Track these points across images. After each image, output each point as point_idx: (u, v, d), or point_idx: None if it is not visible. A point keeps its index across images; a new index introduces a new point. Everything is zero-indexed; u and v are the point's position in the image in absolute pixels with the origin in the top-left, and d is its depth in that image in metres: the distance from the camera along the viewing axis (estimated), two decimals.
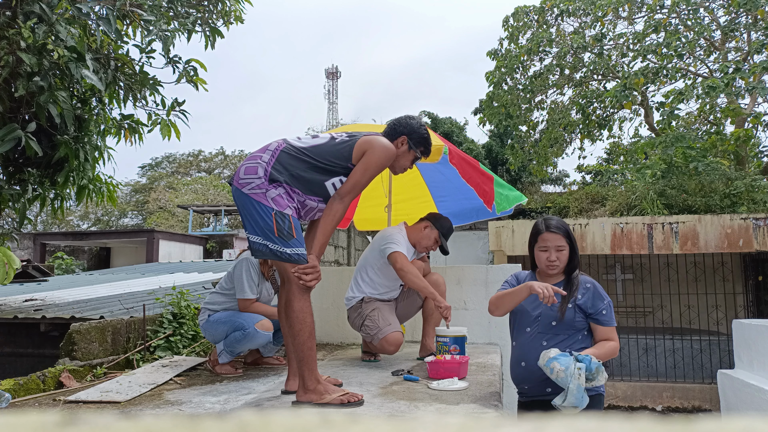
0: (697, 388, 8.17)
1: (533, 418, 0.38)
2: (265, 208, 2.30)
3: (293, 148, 2.43)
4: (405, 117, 2.74)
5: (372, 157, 2.42)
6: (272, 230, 2.28)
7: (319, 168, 2.42)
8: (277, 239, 2.28)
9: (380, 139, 2.49)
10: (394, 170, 2.73)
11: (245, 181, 2.35)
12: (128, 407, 2.54)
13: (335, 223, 2.36)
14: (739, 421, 0.36)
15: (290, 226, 2.30)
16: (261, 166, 2.36)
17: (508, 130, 17.16)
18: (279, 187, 2.34)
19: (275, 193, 2.32)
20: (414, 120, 2.72)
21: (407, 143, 2.67)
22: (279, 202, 2.31)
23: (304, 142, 2.49)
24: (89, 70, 3.76)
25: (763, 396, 5.21)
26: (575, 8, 13.53)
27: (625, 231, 8.37)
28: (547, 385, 2.37)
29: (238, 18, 5.18)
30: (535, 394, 2.46)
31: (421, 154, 2.73)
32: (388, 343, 3.35)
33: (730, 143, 10.67)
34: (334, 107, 50.53)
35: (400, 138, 2.66)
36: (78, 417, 0.37)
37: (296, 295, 2.34)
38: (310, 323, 2.35)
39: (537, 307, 2.50)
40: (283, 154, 2.40)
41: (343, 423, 0.37)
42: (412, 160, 2.72)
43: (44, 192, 4.74)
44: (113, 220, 33.60)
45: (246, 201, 2.34)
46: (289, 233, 2.29)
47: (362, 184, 2.43)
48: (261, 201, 2.31)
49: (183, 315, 4.18)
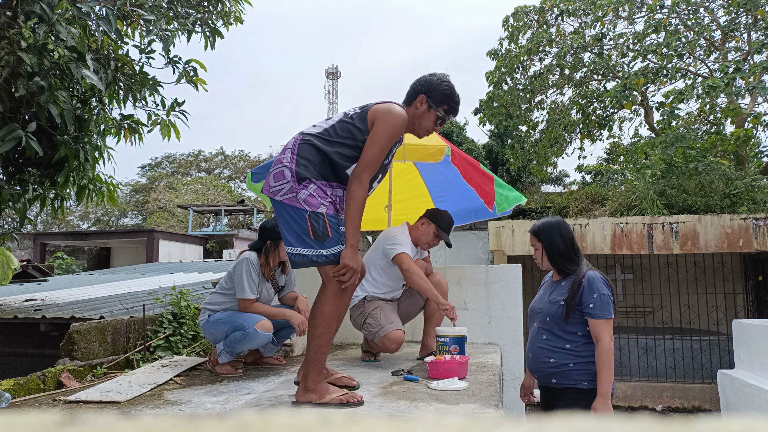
0: (697, 388, 8.17)
1: (534, 417, 0.38)
2: (298, 211, 2.25)
3: (310, 136, 2.35)
4: (426, 75, 2.51)
5: (378, 128, 2.30)
6: (308, 233, 2.23)
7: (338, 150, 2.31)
8: (313, 242, 2.23)
9: (388, 106, 2.36)
10: (417, 133, 2.53)
11: (276, 189, 2.30)
12: (128, 407, 2.54)
13: (358, 206, 2.25)
14: (739, 421, 0.36)
15: (324, 226, 2.24)
16: (286, 168, 2.30)
17: (508, 130, 17.16)
18: (309, 184, 2.26)
19: (306, 194, 2.25)
20: (434, 76, 2.48)
21: (426, 102, 2.44)
22: (311, 202, 2.25)
23: (319, 127, 2.41)
24: (89, 70, 3.76)
25: (763, 396, 5.21)
26: (575, 8, 13.53)
27: (625, 231, 8.37)
28: (552, 377, 2.55)
29: (237, 18, 5.18)
30: (543, 382, 2.64)
31: (445, 113, 2.48)
32: (389, 341, 3.35)
33: (730, 143, 10.67)
34: (334, 107, 50.52)
35: (419, 98, 2.45)
36: (78, 417, 0.37)
37: (330, 298, 2.29)
38: (332, 331, 2.31)
39: (540, 304, 2.65)
40: (303, 147, 2.32)
41: (343, 423, 0.37)
42: (434, 120, 2.48)
43: (44, 192, 4.75)
44: (113, 220, 33.60)
45: (281, 209, 2.30)
46: (324, 233, 2.23)
47: (374, 158, 2.29)
48: (294, 205, 2.26)
49: (183, 315, 4.18)
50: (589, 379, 2.48)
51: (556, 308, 2.55)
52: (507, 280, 4.41)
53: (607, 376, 2.39)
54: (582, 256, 2.65)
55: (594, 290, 2.47)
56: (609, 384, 2.39)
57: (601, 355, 2.41)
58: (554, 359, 2.52)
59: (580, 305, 2.49)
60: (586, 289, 2.49)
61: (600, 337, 2.43)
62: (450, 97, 2.48)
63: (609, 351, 2.42)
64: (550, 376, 2.56)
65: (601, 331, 2.43)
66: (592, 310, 2.46)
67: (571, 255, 2.59)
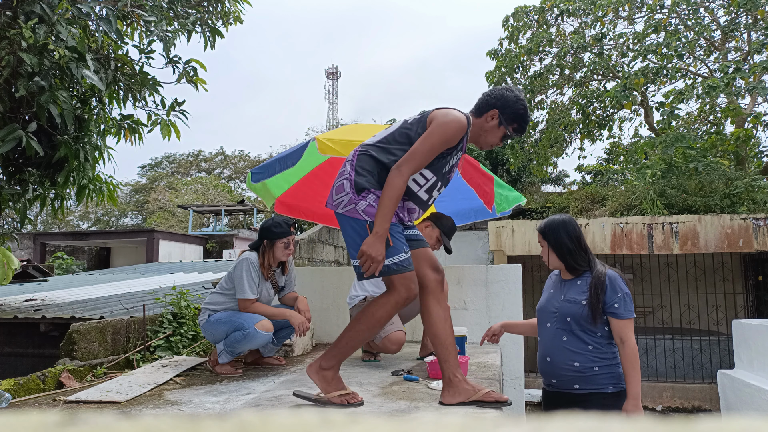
0: (697, 388, 8.17)
1: (534, 417, 0.38)
2: (359, 222, 2.24)
3: (368, 147, 2.35)
4: (501, 88, 2.43)
5: (432, 126, 2.25)
6: None
7: (395, 158, 2.27)
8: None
9: (447, 110, 2.32)
10: (480, 146, 2.46)
11: (338, 202, 2.29)
12: (128, 407, 2.54)
13: (393, 194, 2.17)
14: (739, 421, 0.36)
15: (387, 236, 2.21)
16: (346, 180, 2.29)
17: None
18: (368, 195, 2.25)
19: (365, 204, 2.24)
20: (510, 93, 2.39)
21: (498, 118, 2.37)
22: (371, 213, 2.23)
23: (379, 136, 2.39)
24: (90, 70, 3.76)
25: (763, 396, 5.21)
26: (575, 8, 13.53)
27: (625, 231, 8.38)
28: (575, 382, 2.45)
29: (237, 18, 5.19)
30: (563, 388, 2.51)
31: (513, 132, 2.42)
32: (390, 342, 3.35)
33: (730, 143, 10.67)
34: (334, 107, 50.53)
35: (491, 111, 2.37)
36: (78, 417, 0.37)
37: (387, 306, 2.27)
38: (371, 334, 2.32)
39: (554, 303, 2.57)
40: (361, 158, 2.32)
41: (343, 423, 0.37)
42: (501, 137, 2.41)
43: (44, 192, 4.75)
44: (113, 220, 33.61)
45: (343, 221, 2.30)
46: (386, 243, 2.20)
47: (421, 152, 2.23)
48: (354, 216, 2.25)
49: (183, 315, 4.18)
50: (614, 382, 2.43)
51: (577, 308, 2.46)
52: (507, 280, 4.41)
53: (636, 377, 2.35)
54: (593, 255, 2.59)
55: (617, 289, 2.42)
56: (638, 385, 2.35)
57: (629, 356, 2.36)
58: (579, 362, 2.44)
59: (607, 304, 2.42)
60: (609, 288, 2.43)
61: (625, 337, 2.38)
62: (523, 117, 2.40)
63: (635, 351, 2.37)
64: (573, 381, 2.46)
65: (627, 331, 2.38)
66: (617, 310, 2.40)
67: (580, 252, 2.54)
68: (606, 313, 2.44)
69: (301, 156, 3.92)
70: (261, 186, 4.31)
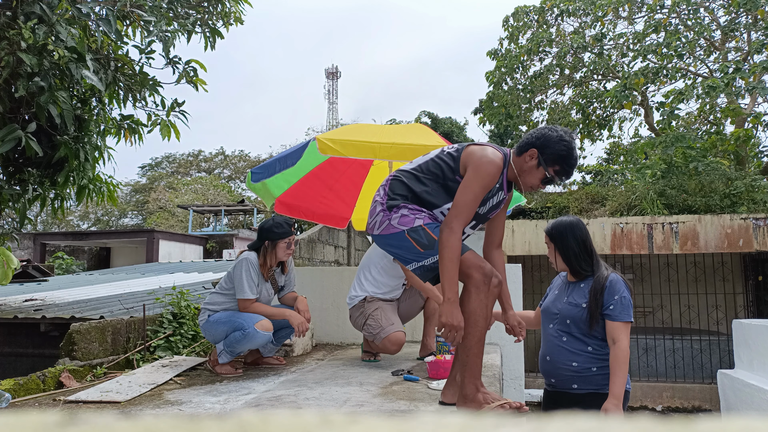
0: (697, 388, 8.17)
1: (534, 417, 0.38)
2: (396, 235, 2.23)
3: (400, 173, 2.36)
4: (544, 127, 2.29)
5: (470, 174, 2.19)
6: (414, 248, 2.20)
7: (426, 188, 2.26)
8: (424, 253, 2.19)
9: (482, 150, 2.23)
10: (519, 188, 2.35)
11: (372, 224, 2.31)
12: (128, 407, 2.54)
13: (452, 255, 2.09)
14: (739, 421, 0.36)
15: (427, 234, 2.19)
16: (378, 203, 2.32)
17: (508, 130, 17.16)
18: (399, 209, 2.25)
19: (397, 216, 2.24)
20: (553, 132, 2.24)
21: (537, 158, 2.23)
22: (405, 221, 2.22)
23: (414, 163, 2.39)
24: (89, 70, 3.76)
25: (763, 396, 5.22)
26: (575, 8, 13.54)
27: (625, 231, 8.38)
28: (574, 382, 2.48)
29: (237, 19, 5.18)
30: (562, 387, 2.54)
31: (555, 174, 2.24)
32: (390, 342, 3.35)
33: (730, 143, 10.67)
34: (334, 107, 50.55)
35: (530, 151, 2.24)
36: (78, 417, 0.37)
37: (472, 294, 2.17)
38: (480, 328, 2.17)
39: (557, 305, 2.59)
40: (393, 183, 2.33)
41: (343, 423, 0.37)
42: (541, 179, 2.26)
43: (44, 192, 4.74)
44: (113, 220, 33.61)
45: (382, 242, 2.30)
46: (430, 240, 2.18)
47: (466, 204, 2.15)
48: (391, 232, 2.24)
49: (183, 315, 4.18)
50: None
51: (577, 311, 2.48)
52: (507, 279, 4.40)
53: (621, 378, 2.37)
54: (598, 258, 2.59)
55: (615, 292, 2.44)
56: (622, 386, 2.37)
57: (618, 357, 2.37)
58: (577, 363, 2.46)
59: (604, 306, 2.44)
60: (607, 291, 2.45)
61: (617, 338, 2.39)
62: (565, 159, 2.21)
63: (625, 354, 2.38)
64: (571, 381, 2.49)
65: (620, 334, 2.39)
66: (612, 312, 2.42)
67: (585, 256, 2.54)
68: (602, 316, 2.45)
69: (301, 156, 3.92)
70: (261, 186, 4.31)
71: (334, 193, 4.90)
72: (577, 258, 2.53)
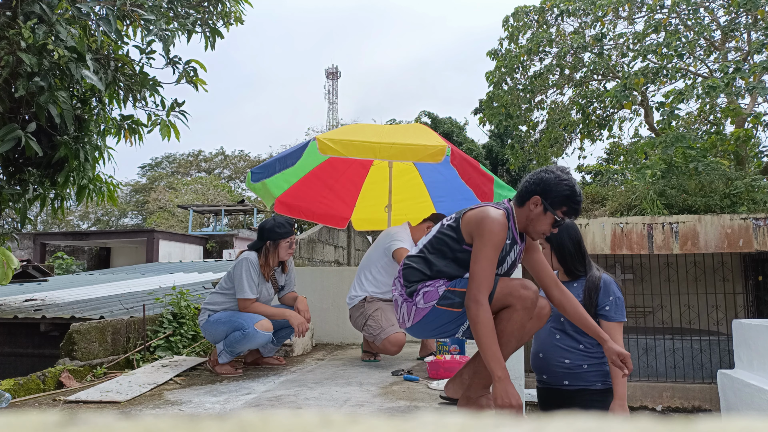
0: (697, 388, 8.17)
1: (535, 417, 0.38)
2: (429, 313, 2.15)
3: (410, 260, 2.30)
4: (540, 171, 2.21)
5: (477, 245, 2.11)
6: (452, 313, 2.14)
7: (438, 268, 2.21)
8: (463, 311, 2.12)
9: (480, 215, 2.14)
10: (531, 236, 2.28)
11: (402, 319, 2.27)
12: (128, 407, 2.54)
13: (487, 330, 2.02)
14: (739, 421, 0.36)
15: (456, 293, 2.14)
16: (398, 297, 2.29)
17: (508, 130, 17.17)
18: (419, 291, 2.20)
19: (421, 297, 2.19)
20: (550, 174, 2.17)
21: (541, 204, 2.15)
22: (430, 297, 2.16)
23: (419, 245, 2.35)
24: (89, 70, 3.76)
25: (763, 396, 5.22)
26: (575, 8, 13.54)
27: (625, 231, 8.38)
28: (565, 378, 2.52)
29: (237, 19, 5.18)
30: (553, 384, 2.58)
31: (564, 215, 2.17)
32: (390, 343, 3.35)
33: (730, 143, 10.67)
34: (334, 107, 50.56)
35: (532, 199, 2.17)
36: (78, 417, 0.37)
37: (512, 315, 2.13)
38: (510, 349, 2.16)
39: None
40: (406, 272, 2.28)
41: (343, 423, 0.37)
42: (551, 223, 2.18)
43: (44, 192, 4.74)
44: (113, 220, 33.61)
45: (421, 330, 2.25)
46: (463, 296, 2.11)
47: (484, 275, 2.06)
48: (423, 315, 2.17)
49: (183, 315, 4.18)
50: (602, 379, 2.50)
51: None
52: None
53: (622, 379, 2.40)
54: (590, 259, 2.65)
55: (610, 293, 2.50)
56: (625, 386, 2.41)
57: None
58: (569, 360, 2.51)
59: (594, 307, 2.49)
60: (602, 291, 2.50)
61: (614, 338, 2.42)
62: (571, 198, 2.14)
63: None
64: (563, 377, 2.54)
65: (615, 334, 2.43)
66: (608, 313, 2.47)
67: (578, 256, 2.60)
68: (597, 316, 2.50)
69: (300, 156, 3.91)
70: (261, 186, 4.31)
71: (334, 193, 4.90)
72: (572, 258, 2.59)
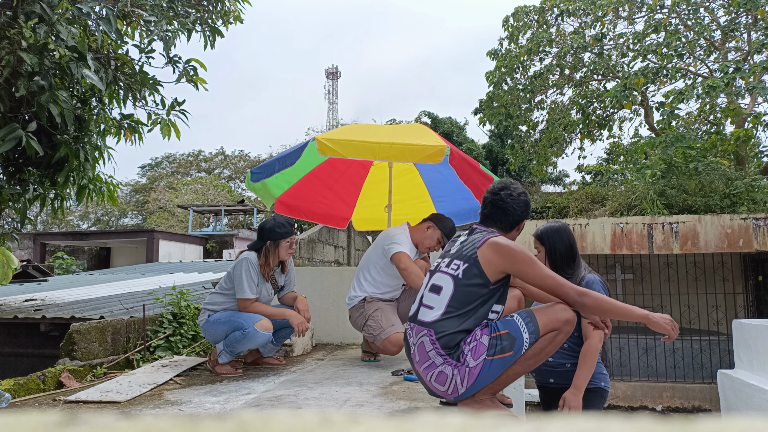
0: (697, 388, 8.17)
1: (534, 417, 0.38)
2: (483, 370, 2.08)
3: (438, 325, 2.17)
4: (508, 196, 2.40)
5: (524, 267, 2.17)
6: (508, 358, 2.09)
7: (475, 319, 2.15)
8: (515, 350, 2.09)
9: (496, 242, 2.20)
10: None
11: (454, 388, 2.12)
12: (128, 407, 2.54)
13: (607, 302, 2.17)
14: (739, 421, 0.36)
15: (500, 337, 2.10)
16: (444, 366, 2.12)
17: (508, 130, 17.17)
18: (464, 352, 2.11)
19: (469, 355, 2.10)
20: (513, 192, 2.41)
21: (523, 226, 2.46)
22: (478, 353, 2.09)
23: (437, 309, 2.20)
24: (90, 69, 3.76)
25: (763, 396, 5.22)
26: (575, 8, 13.53)
27: (625, 231, 8.37)
28: (551, 376, 2.63)
29: (237, 18, 5.19)
30: (540, 381, 2.72)
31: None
32: (390, 343, 3.35)
33: (730, 143, 10.67)
34: (334, 107, 50.58)
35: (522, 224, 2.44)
36: (78, 417, 0.37)
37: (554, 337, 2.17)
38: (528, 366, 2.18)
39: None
40: (441, 340, 2.14)
41: (343, 423, 0.37)
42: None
43: (44, 192, 4.74)
44: (113, 220, 33.61)
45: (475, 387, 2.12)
46: (508, 338, 2.09)
47: (554, 277, 2.16)
48: (478, 374, 2.08)
49: (183, 315, 4.18)
50: None
51: None
52: None
53: (586, 371, 2.46)
54: (580, 260, 2.71)
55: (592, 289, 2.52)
56: (585, 380, 2.46)
57: (587, 352, 2.49)
58: (552, 358, 2.57)
59: None
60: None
61: (589, 335, 2.49)
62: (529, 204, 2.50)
63: (595, 350, 2.48)
64: (548, 375, 2.63)
65: (591, 330, 2.48)
66: None
67: (569, 259, 2.67)
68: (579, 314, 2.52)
69: (300, 156, 3.91)
70: (260, 186, 4.31)
71: (334, 193, 4.90)
72: (562, 260, 2.67)
